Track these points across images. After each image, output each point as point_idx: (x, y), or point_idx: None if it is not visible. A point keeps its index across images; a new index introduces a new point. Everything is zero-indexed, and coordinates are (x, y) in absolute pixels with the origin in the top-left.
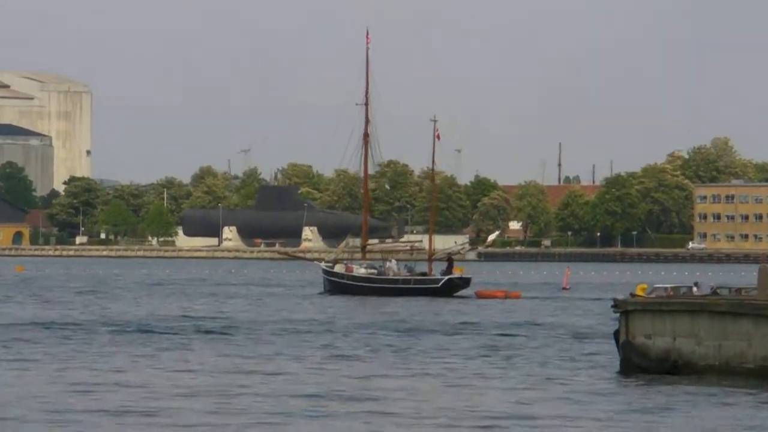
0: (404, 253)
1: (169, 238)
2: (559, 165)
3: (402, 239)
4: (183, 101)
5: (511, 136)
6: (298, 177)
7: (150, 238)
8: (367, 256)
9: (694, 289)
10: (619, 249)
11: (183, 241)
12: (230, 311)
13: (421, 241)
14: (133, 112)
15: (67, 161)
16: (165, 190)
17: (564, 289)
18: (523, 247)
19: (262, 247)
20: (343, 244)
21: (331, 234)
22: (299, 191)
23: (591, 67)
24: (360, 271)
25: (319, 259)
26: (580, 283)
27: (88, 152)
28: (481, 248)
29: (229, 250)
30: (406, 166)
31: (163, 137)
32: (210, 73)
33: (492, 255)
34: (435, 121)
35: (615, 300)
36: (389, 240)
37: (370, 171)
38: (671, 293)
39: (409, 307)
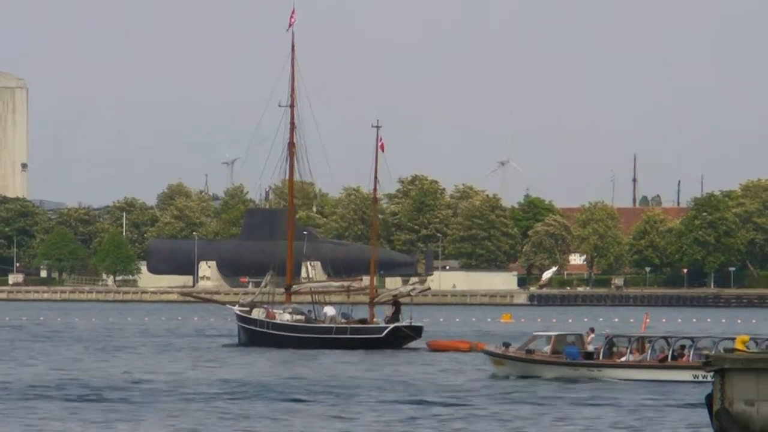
0: (339, 294)
1: (130, 277)
2: (634, 181)
3: (431, 277)
4: (144, 99)
5: (571, 143)
6: (296, 197)
7: (105, 276)
8: (294, 298)
9: (589, 336)
10: (712, 289)
11: (147, 280)
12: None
13: (451, 284)
14: (80, 113)
15: None
16: (123, 214)
17: None
18: (587, 288)
19: (250, 288)
20: (263, 282)
21: (339, 271)
22: (297, 216)
23: (676, 55)
24: (284, 317)
25: (232, 303)
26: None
27: (24, 166)
28: (533, 289)
29: (207, 292)
30: (436, 182)
31: (119, 146)
32: (177, 58)
33: (547, 298)
34: (378, 127)
35: (708, 356)
36: (410, 281)
37: (389, 189)
38: (555, 343)
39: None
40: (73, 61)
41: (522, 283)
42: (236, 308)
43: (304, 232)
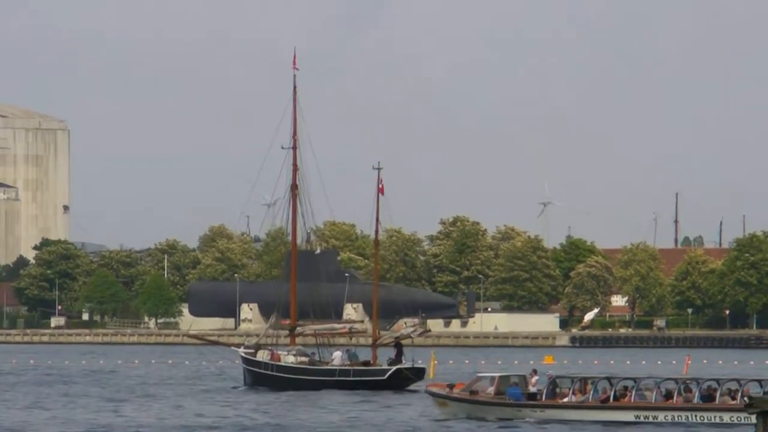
0: (342, 336)
1: (171, 319)
2: (676, 222)
3: (472, 318)
4: (186, 141)
5: (613, 184)
6: (337, 239)
7: (147, 318)
8: (298, 340)
9: (533, 378)
10: (754, 331)
11: (189, 322)
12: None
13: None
14: (122, 155)
15: (39, 219)
16: (165, 256)
17: None
18: (629, 329)
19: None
20: (268, 324)
21: (381, 312)
22: (339, 257)
23: (720, 96)
24: (288, 359)
25: (238, 345)
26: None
27: (66, 208)
28: (575, 330)
29: (249, 334)
30: (477, 224)
31: (161, 188)
32: (221, 101)
33: (589, 339)
34: (379, 169)
35: (749, 397)
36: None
37: (431, 230)
38: (498, 384)
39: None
40: (115, 103)
41: (564, 324)
42: (241, 350)
43: (346, 275)
